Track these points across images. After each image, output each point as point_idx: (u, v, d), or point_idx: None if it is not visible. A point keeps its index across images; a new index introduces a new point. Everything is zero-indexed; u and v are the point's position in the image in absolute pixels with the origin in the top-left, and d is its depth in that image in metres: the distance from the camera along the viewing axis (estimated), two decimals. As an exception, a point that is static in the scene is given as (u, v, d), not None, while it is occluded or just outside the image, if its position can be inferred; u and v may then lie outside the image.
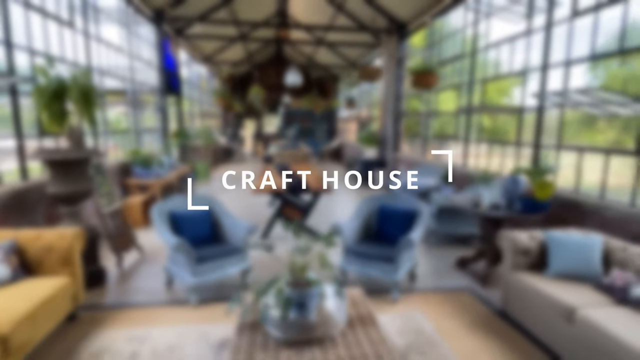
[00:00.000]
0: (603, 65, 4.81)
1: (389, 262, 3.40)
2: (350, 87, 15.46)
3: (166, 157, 7.16)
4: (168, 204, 3.72)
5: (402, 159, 8.83)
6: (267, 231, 5.22)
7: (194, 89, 12.05)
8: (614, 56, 3.79)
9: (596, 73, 5.28)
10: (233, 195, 8.17)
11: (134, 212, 5.67)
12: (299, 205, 5.14)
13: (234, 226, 3.77)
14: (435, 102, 7.56)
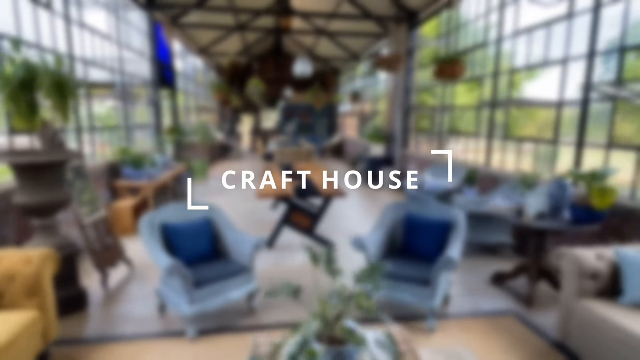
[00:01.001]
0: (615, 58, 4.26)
1: (424, 285, 2.86)
2: (352, 81, 14.87)
3: (159, 156, 6.57)
4: (159, 215, 3.15)
5: (412, 156, 8.29)
6: (273, 240, 4.67)
7: (190, 83, 11.42)
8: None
9: (608, 66, 4.77)
10: (233, 197, 7.60)
11: (123, 219, 5.09)
12: (308, 211, 4.59)
13: (238, 241, 3.21)
14: (451, 95, 7.01)
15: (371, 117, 12.92)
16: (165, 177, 6.03)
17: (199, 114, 12.49)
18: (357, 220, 6.01)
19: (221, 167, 12.25)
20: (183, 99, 10.52)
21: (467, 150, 7.08)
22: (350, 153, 14.31)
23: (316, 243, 4.76)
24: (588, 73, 3.96)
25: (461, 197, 4.93)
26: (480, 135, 6.02)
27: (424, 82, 8.61)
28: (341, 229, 5.45)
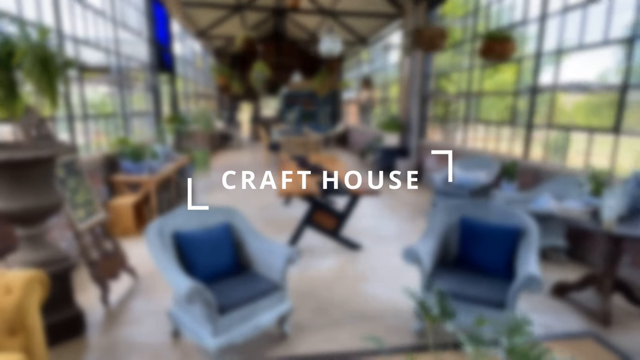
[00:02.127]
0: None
1: (497, 308, 2.37)
2: (358, 67, 14.21)
3: (160, 147, 5.99)
4: (170, 222, 2.61)
5: (431, 147, 7.76)
6: (294, 243, 4.14)
7: (189, 67, 10.73)
8: None
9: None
10: (239, 192, 7.05)
11: (123, 218, 4.54)
12: (333, 210, 4.07)
13: (264, 250, 2.68)
14: (478, 80, 6.45)
15: (373, 104, 12.33)
16: (168, 170, 5.46)
17: (197, 101, 11.82)
18: (377, 218, 5.49)
19: (223, 158, 11.66)
20: (182, 85, 9.86)
21: (486, 139, 6.57)
22: (356, 142, 13.75)
23: (341, 245, 4.25)
24: None
25: (500, 194, 4.43)
26: (513, 123, 5.49)
27: (442, 66, 8.02)
28: (362, 229, 4.94)
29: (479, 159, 5.70)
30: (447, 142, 7.44)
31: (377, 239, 4.56)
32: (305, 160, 5.59)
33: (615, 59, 5.13)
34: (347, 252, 4.15)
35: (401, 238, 4.61)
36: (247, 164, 10.43)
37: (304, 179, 4.24)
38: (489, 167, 5.49)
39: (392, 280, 3.46)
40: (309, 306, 3.03)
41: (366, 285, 3.36)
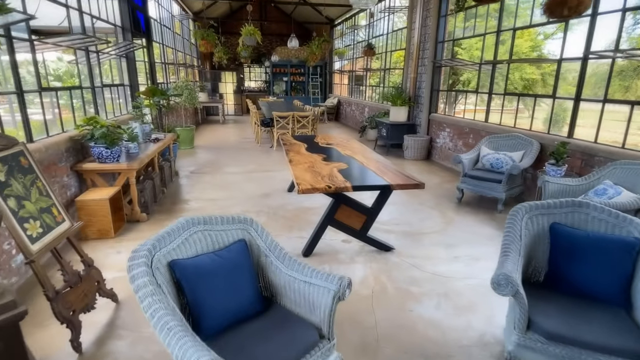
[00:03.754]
0: None
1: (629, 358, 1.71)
2: (352, 33, 13.13)
3: (138, 125, 5.04)
4: (163, 245, 1.81)
5: (444, 122, 7.03)
6: (312, 245, 3.40)
7: (167, 32, 9.49)
8: None
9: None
10: (235, 176, 6.20)
11: (98, 216, 3.68)
12: (362, 206, 3.32)
13: (300, 284, 1.92)
14: (505, 47, 5.67)
15: (370, 75, 11.41)
16: (150, 153, 4.56)
17: (178, 72, 10.63)
18: (398, 207, 4.78)
19: (208, 134, 10.64)
20: (160, 52, 8.68)
21: (502, 114, 5.86)
22: (350, 117, 12.90)
23: (367, 246, 3.54)
24: None
25: (552, 181, 3.76)
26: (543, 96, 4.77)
27: (456, 31, 7.17)
28: (383, 222, 4.20)
29: (511, 137, 5.01)
30: (461, 116, 6.71)
31: (407, 237, 3.86)
32: (315, 141, 4.77)
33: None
34: (375, 254, 3.45)
35: (437, 235, 3.93)
36: (236, 141, 9.49)
37: (320, 167, 3.45)
38: (524, 147, 4.82)
39: (448, 298, 2.78)
40: (350, 341, 2.32)
41: (417, 306, 2.67)
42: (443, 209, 4.68)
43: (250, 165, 6.88)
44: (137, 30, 6.76)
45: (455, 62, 6.59)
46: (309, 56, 12.18)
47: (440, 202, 4.95)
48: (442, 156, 7.11)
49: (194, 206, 4.69)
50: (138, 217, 4.17)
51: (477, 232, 3.99)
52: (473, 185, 4.73)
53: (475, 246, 3.66)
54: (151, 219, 4.28)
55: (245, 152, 8.04)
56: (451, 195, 5.22)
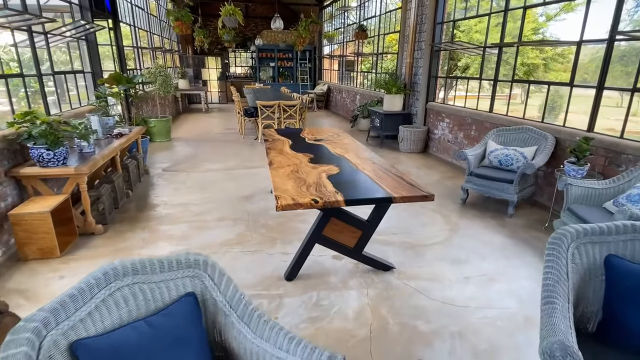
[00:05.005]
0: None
1: None
2: (342, 15, 12.37)
3: (97, 119, 4.37)
4: (62, 320, 1.21)
5: (443, 111, 6.46)
6: (297, 267, 2.83)
7: (140, 13, 8.66)
8: None
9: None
10: (212, 174, 5.56)
11: (38, 232, 3.05)
12: (356, 219, 2.75)
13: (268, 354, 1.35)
14: (511, 29, 5.07)
15: (361, 60, 10.74)
16: (109, 151, 3.92)
17: (153, 57, 9.81)
18: (395, 210, 4.22)
19: (188, 125, 9.92)
20: (131, 37, 7.89)
21: (503, 102, 5.31)
22: (341, 105, 12.25)
23: (363, 264, 2.99)
24: None
25: (576, 184, 3.24)
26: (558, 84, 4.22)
27: (456, 11, 6.54)
28: (380, 231, 3.65)
29: (521, 130, 4.46)
30: (462, 105, 6.14)
31: (408, 249, 3.32)
32: (302, 137, 4.16)
33: None
34: (372, 274, 2.90)
35: (441, 247, 3.40)
36: (218, 132, 8.81)
37: (306, 171, 2.86)
38: (537, 142, 4.28)
39: (464, 339, 2.25)
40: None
41: (427, 351, 2.13)
42: (446, 212, 4.14)
43: (232, 160, 6.24)
44: (101, 10, 5.99)
45: (456, 46, 5.99)
46: (296, 40, 11.44)
47: (443, 203, 4.41)
48: (441, 149, 6.56)
49: (161, 213, 4.08)
50: (92, 229, 3.54)
51: (486, 242, 3.47)
52: (480, 186, 4.20)
53: (487, 261, 3.14)
54: (109, 229, 3.66)
55: (227, 145, 7.39)
56: (454, 194, 4.69)
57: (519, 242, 3.49)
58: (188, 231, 3.62)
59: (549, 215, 3.91)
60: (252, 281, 2.78)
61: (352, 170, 2.92)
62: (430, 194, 2.39)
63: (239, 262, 3.05)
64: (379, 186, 2.52)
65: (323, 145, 3.79)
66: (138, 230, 3.65)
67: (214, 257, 3.12)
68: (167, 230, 3.65)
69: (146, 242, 3.41)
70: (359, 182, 2.62)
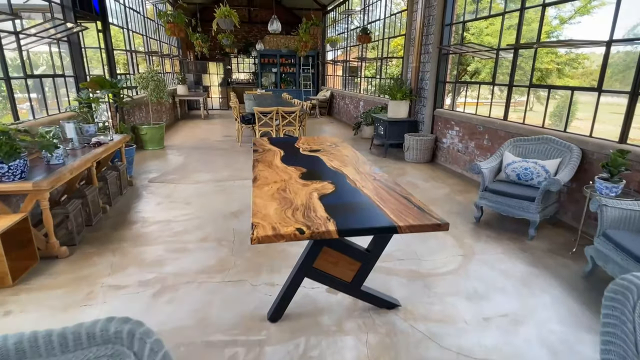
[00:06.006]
0: None
1: None
2: (346, 20, 12.00)
3: (73, 126, 3.98)
4: None
5: (452, 119, 6.00)
6: (282, 306, 2.37)
7: (135, 16, 8.34)
8: None
9: None
10: (201, 186, 5.14)
11: (-17, 260, 2.63)
12: (355, 249, 2.29)
13: None
14: (527, 30, 4.63)
15: (365, 66, 10.34)
16: (80, 164, 3.50)
17: (150, 61, 9.48)
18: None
19: (186, 131, 9.55)
20: (125, 40, 7.55)
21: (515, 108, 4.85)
22: (344, 111, 11.84)
23: (363, 302, 2.52)
24: None
25: (612, 205, 2.76)
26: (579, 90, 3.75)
27: (466, 13, 6.11)
28: (383, 256, 3.19)
29: (542, 140, 4.00)
30: (473, 112, 5.68)
31: (415, 280, 2.85)
32: (296, 146, 3.72)
33: None
34: (373, 313, 2.44)
35: (454, 277, 2.93)
36: (215, 140, 8.41)
37: (295, 190, 2.41)
38: (560, 154, 3.81)
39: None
40: None
41: None
42: (458, 233, 3.67)
43: (225, 170, 5.82)
44: (88, 11, 5.65)
45: (466, 48, 5.55)
46: (299, 45, 11.08)
47: (454, 222, 3.94)
48: (450, 159, 6.10)
49: (138, 231, 3.65)
50: (56, 251, 3.12)
51: (506, 271, 2.99)
52: (496, 203, 3.73)
53: (508, 296, 2.66)
54: (76, 252, 3.23)
55: (222, 154, 6.98)
56: (466, 212, 4.22)
57: (544, 271, 3.01)
58: (164, 255, 3.19)
59: (577, 238, 3.42)
60: (229, 322, 2.33)
61: (350, 189, 2.47)
62: (444, 222, 1.93)
63: (217, 295, 2.60)
64: (381, 210, 2.07)
65: (319, 157, 3.35)
66: (108, 253, 3.22)
67: (188, 288, 2.68)
68: (140, 253, 3.21)
69: (114, 268, 2.98)
70: (357, 205, 2.17)
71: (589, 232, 3.60)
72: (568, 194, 3.93)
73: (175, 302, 2.53)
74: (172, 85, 11.96)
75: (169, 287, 2.70)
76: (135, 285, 2.73)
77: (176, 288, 2.69)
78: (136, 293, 2.64)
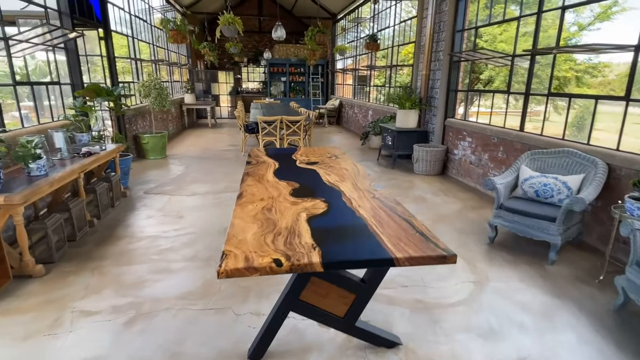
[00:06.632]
0: None
1: None
2: (355, 28, 11.81)
3: (62, 135, 3.80)
4: None
5: (464, 129, 5.67)
6: (264, 344, 2.08)
7: (140, 25, 8.28)
8: None
9: None
10: (199, 198, 4.90)
11: (-56, 281, 2.41)
12: (347, 278, 1.99)
13: None
14: (531, 37, 4.30)
15: (374, 74, 10.08)
16: (63, 175, 3.30)
17: (156, 70, 9.41)
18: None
19: (192, 140, 9.41)
20: (130, 48, 7.46)
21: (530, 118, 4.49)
22: (353, 120, 11.58)
23: (357, 339, 2.21)
24: None
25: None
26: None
27: (478, 20, 5.82)
28: (383, 282, 2.88)
29: (563, 153, 3.65)
30: (487, 122, 5.34)
31: (420, 313, 2.53)
32: (293, 158, 3.45)
33: None
34: (370, 354, 2.12)
35: (466, 309, 2.59)
36: (219, 149, 8.22)
37: (282, 210, 2.13)
38: (583, 169, 3.45)
39: None
40: None
41: None
42: (470, 256, 3.33)
43: (223, 181, 5.59)
44: (89, 18, 5.54)
45: (479, 55, 5.24)
46: (308, 54, 10.92)
47: (465, 242, 3.60)
48: (462, 172, 5.75)
49: (123, 248, 3.41)
50: (30, 270, 2.90)
51: (525, 303, 2.64)
52: (512, 222, 3.38)
53: (527, 333, 2.31)
54: (53, 270, 3.00)
55: (223, 164, 6.77)
56: (479, 230, 3.87)
57: (568, 303, 2.64)
58: (145, 276, 2.93)
59: (605, 264, 3.05)
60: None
61: (344, 208, 2.18)
62: (450, 253, 1.62)
63: (195, 327, 2.32)
64: (377, 237, 1.77)
65: (315, 170, 3.07)
66: (86, 272, 2.98)
67: (165, 317, 2.41)
68: (120, 273, 2.96)
69: (89, 290, 2.73)
70: (350, 229, 1.88)
71: (618, 257, 3.22)
72: (593, 213, 3.55)
73: (148, 333, 2.26)
74: (180, 94, 11.90)
75: (143, 315, 2.44)
76: (107, 311, 2.47)
77: (152, 316, 2.42)
78: (107, 321, 2.38)
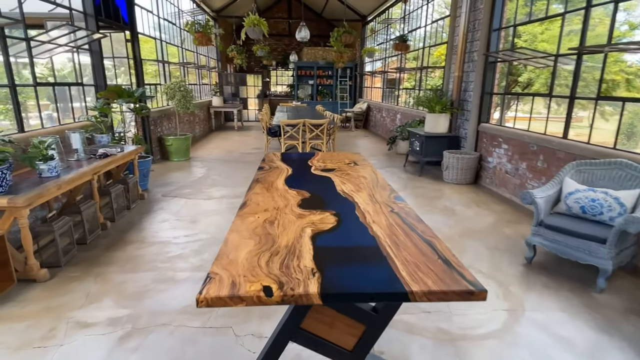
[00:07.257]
0: None
1: None
2: (386, 30, 11.49)
3: (79, 136, 3.76)
4: None
5: (499, 135, 5.24)
6: (263, 372, 1.84)
7: (170, 29, 8.37)
8: None
9: None
10: (212, 203, 4.77)
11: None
12: (356, 307, 1.72)
13: None
14: (576, 36, 3.84)
15: (404, 76, 9.69)
16: (74, 177, 3.23)
17: (185, 73, 9.49)
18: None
19: (217, 143, 9.41)
20: (157, 50, 7.53)
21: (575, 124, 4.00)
22: (380, 124, 11.24)
23: (369, 371, 1.93)
24: None
25: None
26: None
27: (517, 17, 5.38)
28: (403, 308, 2.57)
29: (614, 165, 3.20)
30: (525, 128, 4.89)
31: (444, 345, 2.21)
32: (309, 164, 3.22)
33: None
34: (382, 391, 1.84)
35: (497, 342, 2.26)
36: (242, 152, 8.14)
37: (286, 223, 1.90)
38: (636, 181, 3.00)
39: None
40: None
41: None
42: (503, 278, 2.96)
43: (243, 186, 5.44)
44: (115, 20, 5.58)
45: (518, 55, 4.81)
46: (335, 56, 10.71)
47: (498, 262, 3.23)
48: (497, 181, 5.31)
49: (132, 254, 3.29)
50: (34, 274, 2.82)
51: (569, 340, 2.26)
52: (553, 242, 2.99)
53: (572, 377, 1.95)
54: (58, 275, 2.92)
55: (245, 167, 6.65)
56: (515, 249, 3.47)
57: (620, 340, 2.24)
58: (149, 285, 2.78)
59: (667, 296, 2.60)
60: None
61: (356, 224, 1.91)
62: (479, 288, 1.32)
63: (190, 347, 2.13)
64: (391, 263, 1.50)
65: (330, 178, 2.82)
66: (89, 278, 2.87)
67: (161, 333, 2.23)
68: (123, 281, 2.83)
69: (90, 298, 2.61)
70: (359, 251, 1.61)
71: (683, 287, 2.75)
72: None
73: (141, 351, 2.09)
74: (209, 96, 12.01)
75: (139, 330, 2.27)
76: (103, 324, 2.33)
77: (147, 331, 2.25)
78: (101, 334, 2.23)
